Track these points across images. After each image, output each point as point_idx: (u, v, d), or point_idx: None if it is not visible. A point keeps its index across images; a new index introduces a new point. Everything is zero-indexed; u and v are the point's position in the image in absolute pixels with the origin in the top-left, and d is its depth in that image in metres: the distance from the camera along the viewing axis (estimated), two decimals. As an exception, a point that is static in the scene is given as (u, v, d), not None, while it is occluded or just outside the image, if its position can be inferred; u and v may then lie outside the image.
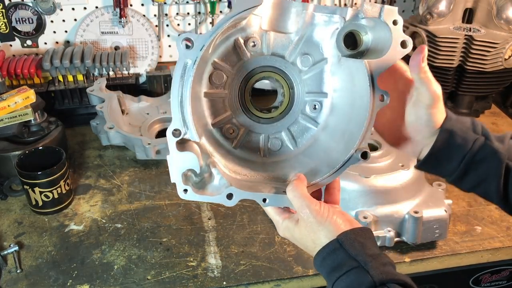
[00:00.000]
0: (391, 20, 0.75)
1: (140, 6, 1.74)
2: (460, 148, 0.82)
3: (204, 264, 1.16)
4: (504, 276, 1.34)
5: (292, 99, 0.85)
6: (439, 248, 1.20)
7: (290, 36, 0.83)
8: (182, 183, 0.77)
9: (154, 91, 1.74)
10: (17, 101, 1.34)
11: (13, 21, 1.66)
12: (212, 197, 0.78)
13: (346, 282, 0.72)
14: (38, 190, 1.24)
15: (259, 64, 0.84)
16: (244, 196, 0.79)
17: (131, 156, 1.51)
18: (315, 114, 0.85)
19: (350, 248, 0.74)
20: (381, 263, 0.72)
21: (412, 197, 1.19)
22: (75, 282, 1.11)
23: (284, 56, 0.84)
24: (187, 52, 0.74)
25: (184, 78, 0.75)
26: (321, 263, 0.76)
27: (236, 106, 0.85)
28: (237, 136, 0.85)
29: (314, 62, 0.84)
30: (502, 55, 1.58)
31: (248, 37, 0.82)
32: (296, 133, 0.86)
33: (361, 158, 0.79)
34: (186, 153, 0.76)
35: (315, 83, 0.85)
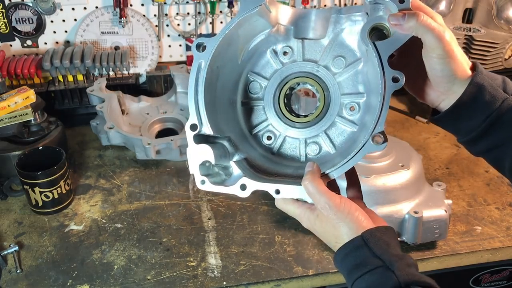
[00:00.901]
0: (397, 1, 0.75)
1: (140, 6, 1.74)
2: (486, 105, 0.76)
3: (204, 264, 1.16)
4: (504, 276, 1.34)
5: (327, 102, 0.85)
6: (439, 248, 1.20)
7: (321, 41, 0.85)
8: (199, 174, 0.80)
9: (154, 91, 1.74)
10: (17, 101, 1.34)
11: (13, 21, 1.66)
12: (227, 188, 0.80)
13: (369, 281, 0.70)
14: (38, 190, 1.24)
15: (292, 71, 0.86)
16: (257, 186, 0.79)
17: (131, 156, 1.51)
18: (353, 115, 0.84)
19: (374, 247, 0.71)
20: (406, 264, 0.70)
21: (412, 197, 1.19)
22: (75, 282, 1.11)
23: (317, 61, 0.85)
24: (200, 55, 0.80)
25: (199, 79, 0.80)
26: (343, 260, 0.74)
27: (272, 113, 0.87)
28: (274, 142, 0.87)
29: (347, 63, 0.84)
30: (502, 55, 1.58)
31: (279, 47, 0.86)
32: (334, 136, 0.86)
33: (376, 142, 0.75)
34: (203, 146, 0.79)
35: (350, 84, 0.84)
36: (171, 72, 1.66)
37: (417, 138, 1.62)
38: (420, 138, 1.63)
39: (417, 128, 1.67)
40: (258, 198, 1.35)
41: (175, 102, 1.67)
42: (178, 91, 1.67)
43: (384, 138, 0.74)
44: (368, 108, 0.82)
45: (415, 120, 1.71)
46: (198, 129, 0.80)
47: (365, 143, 0.75)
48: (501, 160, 0.81)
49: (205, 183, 0.80)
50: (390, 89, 0.74)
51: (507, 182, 1.42)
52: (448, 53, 0.74)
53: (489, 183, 1.42)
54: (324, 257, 1.17)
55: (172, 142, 1.41)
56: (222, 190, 0.81)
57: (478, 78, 0.76)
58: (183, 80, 1.65)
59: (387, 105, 0.75)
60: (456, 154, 1.54)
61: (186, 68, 1.68)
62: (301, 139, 0.87)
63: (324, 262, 1.16)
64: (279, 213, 1.30)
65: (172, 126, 1.61)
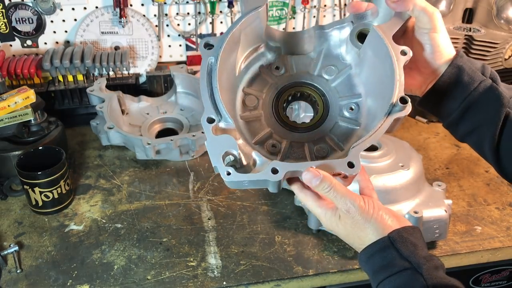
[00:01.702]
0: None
1: (140, 6, 1.74)
2: (465, 86, 0.80)
3: (204, 264, 1.16)
4: (504, 276, 1.34)
5: (326, 105, 0.88)
6: (439, 248, 1.20)
7: (310, 55, 0.91)
8: (223, 166, 0.75)
9: (154, 91, 1.74)
10: (17, 101, 1.34)
11: (13, 21, 1.66)
12: (257, 174, 0.75)
13: (396, 283, 0.69)
14: (38, 190, 1.24)
15: (287, 82, 0.90)
16: (289, 167, 0.74)
17: (131, 156, 1.51)
18: (353, 115, 0.87)
19: (402, 248, 0.70)
20: (434, 266, 0.70)
21: (412, 197, 1.19)
22: (75, 282, 1.11)
23: (309, 71, 0.90)
24: (209, 52, 0.81)
25: (211, 74, 0.80)
26: (368, 260, 0.73)
27: (274, 122, 0.88)
28: (280, 149, 0.86)
29: (338, 70, 0.89)
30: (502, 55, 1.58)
31: (270, 62, 0.90)
32: (339, 136, 0.87)
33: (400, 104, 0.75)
34: (223, 136, 0.76)
35: (345, 87, 0.88)
36: (171, 72, 1.66)
37: (417, 138, 1.62)
38: (420, 138, 1.63)
39: (417, 128, 1.67)
40: (258, 198, 1.35)
41: (175, 102, 1.67)
42: (178, 91, 1.67)
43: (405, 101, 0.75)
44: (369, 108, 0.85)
45: (415, 120, 1.71)
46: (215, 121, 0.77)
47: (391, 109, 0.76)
48: (481, 142, 0.83)
49: (231, 174, 0.74)
50: (401, 62, 0.78)
51: (507, 182, 1.42)
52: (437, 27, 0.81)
53: (489, 183, 1.42)
54: (324, 257, 1.17)
55: (172, 142, 1.41)
56: (251, 177, 0.75)
57: (458, 60, 0.82)
58: (183, 80, 1.65)
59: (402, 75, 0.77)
60: (456, 154, 1.54)
61: (186, 68, 1.68)
62: (307, 143, 0.87)
63: (324, 262, 1.16)
64: (279, 213, 1.30)
65: (172, 126, 1.61)
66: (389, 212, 0.75)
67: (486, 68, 0.83)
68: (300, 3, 1.81)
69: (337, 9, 1.85)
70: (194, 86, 1.64)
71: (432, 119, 1.69)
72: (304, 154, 0.86)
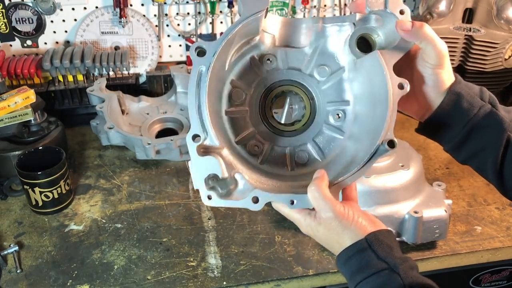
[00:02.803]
0: (397, 10, 0.76)
1: (140, 6, 1.74)
2: (465, 112, 0.80)
3: (204, 264, 1.16)
4: (504, 276, 1.34)
5: (314, 110, 0.86)
6: (439, 248, 1.20)
7: (304, 49, 0.86)
8: (205, 189, 0.76)
9: (154, 91, 1.74)
10: (17, 101, 1.34)
11: (13, 21, 1.66)
12: (238, 201, 0.77)
13: (373, 283, 0.71)
14: (38, 190, 1.24)
15: (277, 79, 0.86)
16: (270, 198, 0.77)
17: (131, 156, 1.51)
18: (339, 123, 0.85)
19: (378, 249, 0.72)
20: (410, 267, 0.72)
21: (412, 197, 1.19)
22: (75, 282, 1.11)
23: (301, 69, 0.86)
24: (201, 60, 0.77)
25: (200, 85, 0.76)
26: (346, 262, 0.75)
27: (258, 121, 0.85)
28: (262, 151, 0.85)
29: (331, 72, 0.85)
30: (502, 55, 1.58)
31: (263, 54, 0.86)
32: (322, 144, 0.86)
33: (388, 148, 0.76)
34: (208, 158, 0.75)
35: (335, 92, 0.85)
36: (171, 72, 1.66)
37: (417, 138, 1.62)
38: (420, 138, 1.61)
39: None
40: (258, 198, 1.35)
41: (175, 102, 1.67)
42: (178, 91, 1.67)
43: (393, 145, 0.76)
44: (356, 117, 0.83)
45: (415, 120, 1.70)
46: (201, 138, 0.76)
47: (376, 149, 0.76)
48: (483, 166, 0.84)
49: (212, 198, 0.76)
50: (396, 96, 0.76)
51: (507, 182, 1.42)
52: (444, 65, 0.79)
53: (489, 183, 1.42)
54: (324, 257, 1.17)
55: (172, 142, 1.41)
56: (232, 204, 0.77)
57: (456, 87, 0.80)
58: (183, 80, 1.65)
59: (395, 111, 0.76)
60: (456, 154, 1.54)
61: (186, 68, 1.68)
62: (289, 147, 0.86)
63: (324, 262, 1.16)
64: (279, 213, 1.28)
65: (172, 126, 1.61)
66: (366, 216, 0.77)
67: (484, 92, 0.82)
68: (300, 3, 1.81)
69: (337, 9, 1.85)
70: (194, 86, 1.64)
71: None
72: (284, 160, 0.86)
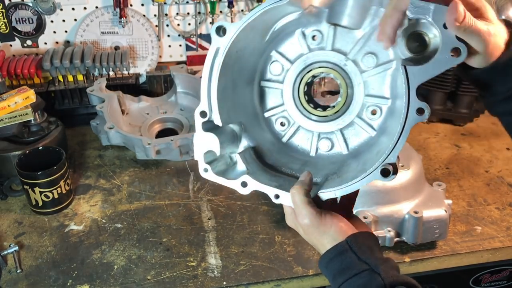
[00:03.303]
0: (441, 22, 0.66)
1: (140, 6, 1.73)
2: None
3: (204, 264, 1.16)
4: (504, 276, 1.34)
5: (349, 100, 0.80)
6: (439, 248, 1.20)
7: (355, 32, 0.77)
8: (203, 162, 0.79)
9: (154, 91, 1.73)
10: (17, 101, 1.34)
11: (13, 21, 1.66)
12: (228, 181, 0.80)
13: (355, 284, 0.72)
14: (38, 190, 1.24)
15: (318, 59, 0.81)
16: (257, 187, 0.78)
17: (131, 156, 1.51)
18: (373, 119, 0.79)
19: (359, 251, 0.73)
20: (390, 267, 0.73)
21: (412, 197, 1.19)
22: (75, 282, 1.11)
23: (346, 53, 0.79)
24: (220, 39, 0.76)
25: (215, 64, 0.77)
26: (327, 264, 0.76)
27: (290, 99, 0.84)
28: (287, 130, 0.85)
29: (378, 63, 0.77)
30: (502, 55, 1.58)
31: (309, 30, 0.80)
32: (349, 136, 0.82)
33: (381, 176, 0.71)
34: (209, 134, 0.78)
35: (377, 85, 0.78)
36: (171, 72, 1.66)
37: (417, 138, 1.62)
38: (420, 138, 1.62)
39: (417, 128, 1.67)
40: (258, 198, 1.35)
41: (175, 102, 1.67)
42: (178, 91, 1.66)
43: (394, 170, 0.71)
44: (391, 113, 0.77)
45: (415, 120, 1.71)
46: (207, 116, 0.79)
47: (372, 171, 0.72)
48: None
49: (208, 171, 0.79)
50: (412, 121, 0.69)
51: (507, 182, 1.42)
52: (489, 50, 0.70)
53: (489, 183, 1.42)
54: (324, 257, 1.17)
55: (172, 142, 1.41)
56: (223, 182, 0.80)
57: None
58: (183, 80, 1.65)
59: (405, 137, 0.70)
60: (456, 154, 1.54)
61: (186, 68, 1.68)
62: (315, 133, 0.83)
63: (324, 262, 1.16)
64: (279, 213, 1.30)
65: (172, 126, 1.61)
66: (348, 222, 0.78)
67: None
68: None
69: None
70: (194, 86, 1.64)
71: (432, 119, 1.69)
72: (308, 143, 0.84)
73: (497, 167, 1.48)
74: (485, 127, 1.67)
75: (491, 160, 1.51)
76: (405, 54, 0.70)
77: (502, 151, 1.55)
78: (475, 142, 1.60)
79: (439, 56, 0.67)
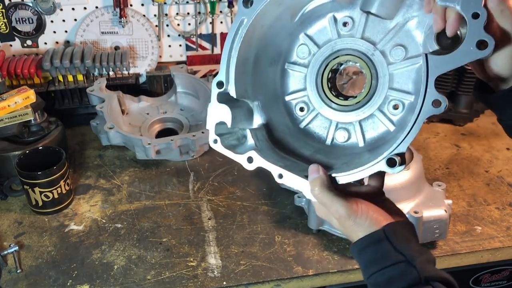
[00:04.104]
0: (470, 12, 0.63)
1: (140, 6, 1.74)
2: None
3: (204, 264, 1.16)
4: (504, 276, 1.34)
5: (372, 91, 0.78)
6: (439, 248, 1.20)
7: (387, 22, 0.76)
8: (213, 133, 0.79)
9: (154, 91, 1.74)
10: (17, 101, 1.34)
11: (13, 21, 1.66)
12: (236, 155, 0.78)
13: (389, 275, 0.69)
14: (38, 190, 1.24)
15: (346, 46, 0.79)
16: (263, 164, 0.76)
17: (131, 156, 1.51)
18: (394, 114, 0.77)
19: (395, 241, 0.70)
20: (427, 260, 0.70)
21: (412, 197, 1.19)
22: (75, 282, 1.11)
23: (375, 43, 0.77)
24: (245, 11, 0.76)
25: (237, 35, 0.77)
26: (360, 252, 0.73)
27: (312, 84, 0.83)
28: (305, 116, 0.84)
29: (407, 56, 0.75)
30: (502, 55, 1.58)
31: (341, 15, 0.79)
32: (367, 129, 0.80)
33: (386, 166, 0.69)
34: (223, 106, 0.78)
35: (402, 79, 0.76)
36: (171, 72, 1.66)
37: (417, 138, 1.60)
38: (420, 138, 1.62)
39: (417, 128, 1.67)
40: (258, 198, 1.35)
41: (175, 102, 1.67)
42: (178, 91, 1.67)
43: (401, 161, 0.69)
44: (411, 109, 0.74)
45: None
46: (224, 87, 0.78)
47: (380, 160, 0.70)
48: None
49: (217, 143, 0.78)
50: (427, 113, 0.67)
51: (507, 182, 1.42)
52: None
53: (489, 183, 1.42)
54: (324, 257, 1.17)
55: (172, 142, 1.41)
56: (230, 155, 0.79)
57: None
58: (183, 80, 1.65)
59: (419, 128, 0.68)
60: (456, 154, 1.54)
61: (186, 68, 1.68)
62: (333, 121, 0.82)
63: (324, 262, 1.16)
64: (279, 213, 1.30)
65: (172, 126, 1.61)
66: (383, 211, 0.75)
67: None
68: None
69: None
70: (194, 86, 1.64)
71: (432, 119, 1.69)
72: (325, 131, 0.83)
73: (497, 167, 1.48)
74: (485, 127, 1.67)
75: (491, 160, 1.51)
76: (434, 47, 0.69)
77: (502, 151, 1.56)
78: (475, 142, 1.60)
79: (463, 47, 0.64)
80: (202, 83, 1.61)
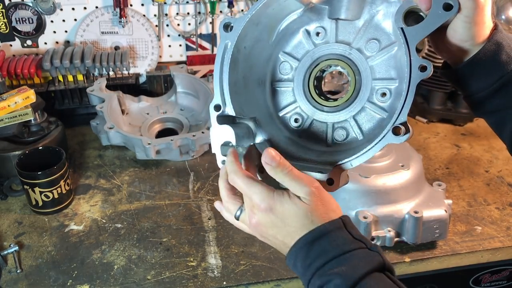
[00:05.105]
0: None
1: (140, 6, 1.74)
2: (502, 65, 0.75)
3: (204, 264, 1.16)
4: (504, 276, 1.34)
5: (358, 87, 0.82)
6: (439, 248, 1.20)
7: (355, 22, 0.82)
8: (220, 154, 0.81)
9: (154, 91, 1.73)
10: (17, 101, 1.34)
11: (13, 21, 1.66)
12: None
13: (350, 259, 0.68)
14: (38, 190, 1.24)
15: (324, 53, 0.85)
16: None
17: (131, 156, 1.51)
18: (383, 101, 0.81)
19: (352, 230, 0.71)
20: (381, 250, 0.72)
21: (412, 197, 1.18)
22: (75, 282, 1.11)
23: (350, 43, 0.83)
24: (227, 35, 0.80)
25: (225, 59, 0.80)
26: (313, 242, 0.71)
27: (301, 95, 0.87)
28: (301, 125, 0.87)
29: (381, 47, 0.81)
30: (502, 55, 1.58)
31: (312, 27, 0.85)
32: (362, 122, 0.84)
33: (393, 135, 0.73)
34: (225, 127, 0.80)
35: (383, 69, 0.81)
36: (171, 72, 1.66)
37: (417, 138, 1.62)
38: (420, 138, 1.63)
39: (417, 128, 1.67)
40: (258, 198, 1.34)
41: (175, 102, 1.67)
42: (178, 91, 1.67)
43: (406, 129, 0.73)
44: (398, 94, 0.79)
45: (415, 120, 1.71)
46: (221, 109, 0.81)
47: (385, 134, 0.73)
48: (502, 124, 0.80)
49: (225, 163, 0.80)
50: (416, 78, 0.72)
51: (507, 182, 1.42)
52: (475, 17, 0.71)
53: (489, 183, 1.42)
54: (324, 257, 1.17)
55: (172, 142, 1.41)
56: None
57: (497, 36, 0.75)
58: (183, 80, 1.65)
59: (412, 95, 0.72)
60: (456, 154, 1.54)
61: (186, 68, 1.68)
62: (329, 123, 0.85)
63: (324, 262, 1.16)
64: (279, 213, 1.29)
65: (172, 126, 1.61)
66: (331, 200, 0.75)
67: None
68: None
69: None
70: (194, 86, 1.64)
71: (432, 119, 1.69)
72: (324, 134, 0.86)
73: (497, 167, 1.48)
74: (485, 127, 1.67)
75: (491, 160, 1.51)
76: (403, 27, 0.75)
77: (502, 151, 1.55)
78: (475, 142, 1.60)
79: (432, 12, 0.71)
80: (202, 83, 1.61)
